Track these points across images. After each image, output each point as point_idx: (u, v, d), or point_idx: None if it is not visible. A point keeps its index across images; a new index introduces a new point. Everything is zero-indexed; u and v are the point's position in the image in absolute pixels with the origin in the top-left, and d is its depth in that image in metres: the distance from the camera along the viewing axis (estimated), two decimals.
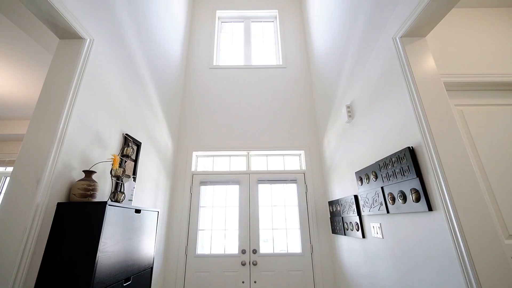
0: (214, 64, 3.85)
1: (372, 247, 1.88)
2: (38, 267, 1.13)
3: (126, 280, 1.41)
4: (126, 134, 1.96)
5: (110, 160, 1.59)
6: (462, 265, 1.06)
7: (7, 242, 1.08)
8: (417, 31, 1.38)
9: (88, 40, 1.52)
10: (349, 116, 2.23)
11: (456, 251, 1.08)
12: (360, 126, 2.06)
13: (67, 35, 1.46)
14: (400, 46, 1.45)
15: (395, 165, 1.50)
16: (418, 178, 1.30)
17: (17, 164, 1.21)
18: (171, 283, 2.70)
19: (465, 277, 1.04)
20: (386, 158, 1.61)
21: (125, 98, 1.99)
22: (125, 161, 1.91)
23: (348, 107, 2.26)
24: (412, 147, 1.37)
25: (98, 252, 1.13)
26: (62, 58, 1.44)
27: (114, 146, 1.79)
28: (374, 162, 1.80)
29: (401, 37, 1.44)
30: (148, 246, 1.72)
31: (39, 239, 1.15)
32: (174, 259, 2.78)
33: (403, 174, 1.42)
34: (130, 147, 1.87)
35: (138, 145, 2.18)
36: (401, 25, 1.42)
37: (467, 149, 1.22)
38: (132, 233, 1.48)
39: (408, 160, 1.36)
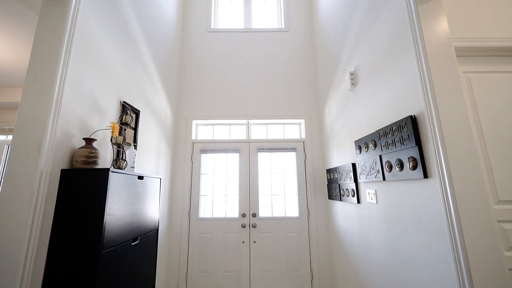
0: (212, 27, 3.62)
1: (366, 212, 1.97)
2: (50, 229, 1.19)
3: (134, 240, 1.51)
4: (124, 102, 1.92)
5: (109, 128, 1.59)
6: (450, 228, 1.12)
7: (17, 206, 1.13)
8: None
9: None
10: (352, 83, 2.17)
11: (446, 215, 1.13)
12: (363, 94, 2.01)
13: None
14: (412, 5, 1.34)
15: (395, 133, 1.50)
16: (417, 146, 1.30)
17: (16, 132, 1.21)
18: (176, 243, 2.90)
19: (451, 238, 1.11)
20: (386, 127, 1.60)
21: (120, 64, 1.91)
22: (125, 129, 1.90)
23: (351, 74, 2.19)
24: (414, 115, 1.35)
25: (105, 215, 1.18)
26: (48, 20, 1.34)
27: (112, 114, 1.77)
28: (374, 131, 1.79)
29: None
30: (153, 210, 1.80)
31: (47, 204, 1.20)
32: (178, 222, 2.95)
33: (402, 143, 1.42)
34: (128, 115, 1.85)
35: (136, 113, 2.16)
36: None
37: (469, 118, 1.21)
38: (136, 198, 1.54)
39: (409, 129, 1.35)
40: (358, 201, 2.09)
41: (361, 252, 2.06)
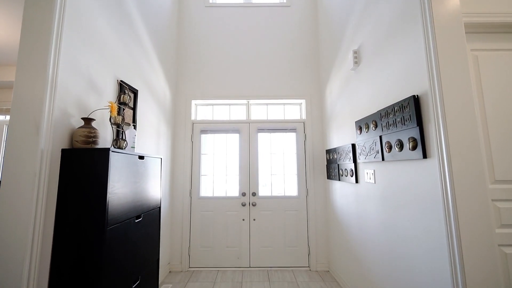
0: (211, 1, 3.44)
1: (364, 191, 2.01)
2: (55, 208, 1.22)
3: (137, 217, 1.55)
4: (121, 81, 1.88)
5: (108, 107, 1.57)
6: (445, 206, 1.15)
7: (21, 185, 1.15)
8: None
9: None
10: (355, 62, 2.11)
11: (442, 194, 1.16)
12: (366, 73, 1.96)
13: None
14: None
15: (396, 114, 1.48)
16: (418, 127, 1.30)
17: (13, 112, 1.19)
18: (178, 220, 2.99)
19: (445, 215, 1.14)
20: (388, 107, 1.58)
21: (116, 42, 1.84)
22: (124, 109, 1.88)
23: (355, 52, 2.12)
24: (417, 95, 1.33)
25: (108, 193, 1.21)
26: None
27: (110, 93, 1.74)
28: (376, 111, 1.77)
29: None
30: (154, 189, 1.84)
31: (50, 184, 1.22)
32: (179, 201, 3.02)
33: (403, 123, 1.41)
34: (126, 95, 1.82)
35: (134, 92, 2.12)
36: None
37: (473, 97, 1.19)
38: (138, 178, 1.56)
39: (411, 109, 1.34)
40: (357, 181, 2.13)
41: (357, 229, 2.14)
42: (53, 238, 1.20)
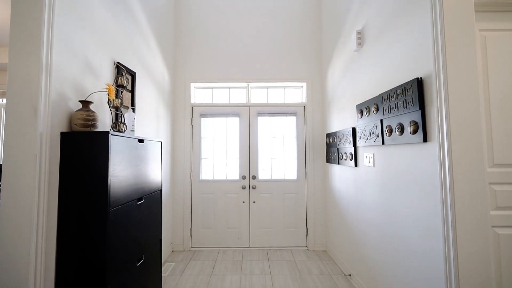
0: None
1: (363, 175, 2.03)
2: (57, 190, 1.24)
3: (139, 199, 1.58)
4: (118, 63, 1.84)
5: (105, 90, 1.54)
6: (442, 188, 1.16)
7: (22, 168, 1.15)
8: None
9: None
10: (359, 43, 2.04)
11: (440, 177, 1.17)
12: (369, 55, 1.91)
13: None
14: None
15: (399, 97, 1.46)
16: (420, 110, 1.28)
17: (9, 95, 1.17)
18: (180, 202, 3.05)
19: (442, 197, 1.16)
20: (390, 90, 1.56)
21: (111, 22, 1.77)
22: (122, 92, 1.85)
23: (358, 33, 2.04)
24: (421, 78, 1.30)
25: (109, 176, 1.22)
26: None
27: (107, 75, 1.71)
28: (378, 94, 1.75)
29: None
30: (155, 172, 1.85)
31: (52, 167, 1.23)
32: (180, 184, 3.07)
33: (405, 107, 1.40)
34: (124, 77, 1.78)
35: (132, 74, 2.08)
36: None
37: (478, 80, 1.16)
38: (139, 161, 1.57)
39: (414, 92, 1.32)
40: (356, 165, 2.14)
41: (355, 211, 2.19)
42: (58, 220, 1.23)
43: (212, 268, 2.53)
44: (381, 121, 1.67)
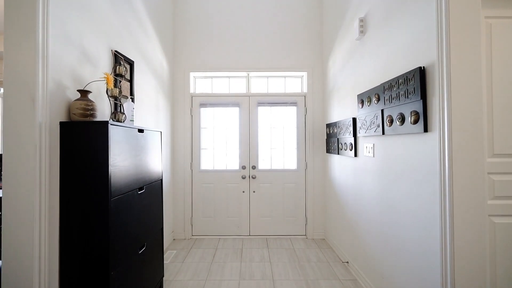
0: None
1: (362, 165, 2.04)
2: (58, 179, 1.25)
3: (140, 189, 1.59)
4: (116, 51, 1.80)
5: (103, 79, 1.52)
6: (441, 178, 1.17)
7: (23, 158, 1.15)
8: None
9: None
10: (361, 31, 2.00)
11: (440, 166, 1.18)
12: (371, 43, 1.88)
13: None
14: None
15: (400, 87, 1.45)
16: (421, 100, 1.27)
17: (6, 84, 1.16)
18: (180, 192, 3.08)
19: (441, 186, 1.17)
20: (392, 79, 1.54)
21: (108, 9, 1.72)
22: (120, 81, 1.83)
23: (361, 20, 2.00)
24: (423, 67, 1.28)
25: (109, 166, 1.22)
26: None
27: (105, 64, 1.68)
28: (379, 84, 1.73)
29: None
30: (155, 162, 1.86)
31: (52, 157, 1.23)
32: (181, 174, 3.08)
33: (407, 97, 1.38)
34: (122, 66, 1.75)
35: (130, 63, 2.05)
36: None
37: (482, 70, 1.15)
38: (139, 151, 1.57)
39: (416, 82, 1.30)
40: (355, 155, 2.15)
41: (353, 201, 2.21)
42: (59, 208, 1.24)
43: (213, 256, 2.58)
44: (382, 111, 1.66)
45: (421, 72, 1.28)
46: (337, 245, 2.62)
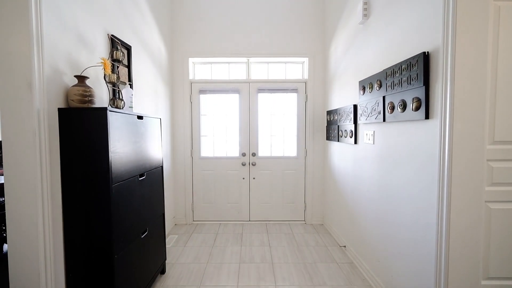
0: None
1: (362, 152, 2.05)
2: (59, 166, 1.25)
3: (141, 175, 1.61)
4: (112, 36, 1.76)
5: (100, 64, 1.49)
6: (440, 165, 1.18)
7: (22, 145, 1.15)
8: None
9: None
10: (365, 15, 1.94)
11: (439, 153, 1.18)
12: (375, 28, 1.82)
13: None
14: None
15: (403, 72, 1.42)
16: (424, 86, 1.25)
17: (1, 70, 1.13)
18: (181, 178, 3.11)
19: (440, 174, 1.18)
20: (395, 65, 1.51)
21: None
22: (118, 67, 1.79)
23: (365, 3, 1.93)
24: (427, 52, 1.25)
25: (110, 153, 1.23)
26: None
27: (101, 49, 1.64)
28: (382, 70, 1.70)
29: None
30: (156, 149, 1.86)
31: (52, 144, 1.23)
32: (181, 160, 3.10)
33: (409, 83, 1.36)
34: (119, 51, 1.71)
35: (128, 48, 2.00)
36: None
37: (488, 55, 1.12)
38: (138, 138, 1.57)
39: (419, 67, 1.28)
40: (355, 142, 2.15)
41: (352, 188, 2.24)
42: (62, 195, 1.26)
43: (213, 240, 2.65)
44: (384, 98, 1.65)
45: (425, 58, 1.25)
46: (335, 230, 2.68)
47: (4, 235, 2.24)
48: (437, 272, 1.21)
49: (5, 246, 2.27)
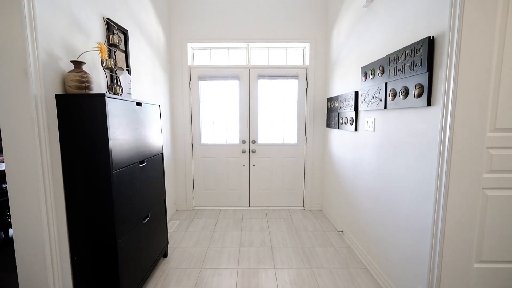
0: None
1: (362, 139, 2.04)
2: (59, 153, 1.25)
3: (141, 162, 1.61)
4: (108, 19, 1.70)
5: (97, 49, 1.46)
6: (440, 152, 1.18)
7: (21, 133, 1.15)
8: None
9: None
10: None
11: (440, 140, 1.18)
12: (379, 11, 1.76)
13: None
14: None
15: (407, 58, 1.39)
16: (427, 72, 1.23)
17: None
18: (181, 165, 3.13)
19: (439, 161, 1.18)
20: (398, 51, 1.47)
21: None
22: (115, 52, 1.75)
23: None
24: (433, 36, 1.22)
25: (109, 139, 1.22)
26: None
27: (97, 34, 1.60)
28: (385, 55, 1.66)
29: None
30: (155, 136, 1.86)
31: (51, 131, 1.22)
32: (181, 147, 3.11)
33: (413, 69, 1.34)
34: (115, 35, 1.67)
35: (124, 33, 1.94)
36: None
37: (495, 39, 1.09)
38: (138, 124, 1.56)
39: (424, 52, 1.24)
40: (356, 129, 2.14)
41: (352, 174, 2.25)
42: (63, 182, 1.27)
43: (214, 225, 2.71)
44: (386, 84, 1.62)
45: (430, 42, 1.22)
46: (334, 216, 2.73)
47: (9, 220, 2.29)
48: (431, 256, 1.25)
49: (11, 231, 2.32)
